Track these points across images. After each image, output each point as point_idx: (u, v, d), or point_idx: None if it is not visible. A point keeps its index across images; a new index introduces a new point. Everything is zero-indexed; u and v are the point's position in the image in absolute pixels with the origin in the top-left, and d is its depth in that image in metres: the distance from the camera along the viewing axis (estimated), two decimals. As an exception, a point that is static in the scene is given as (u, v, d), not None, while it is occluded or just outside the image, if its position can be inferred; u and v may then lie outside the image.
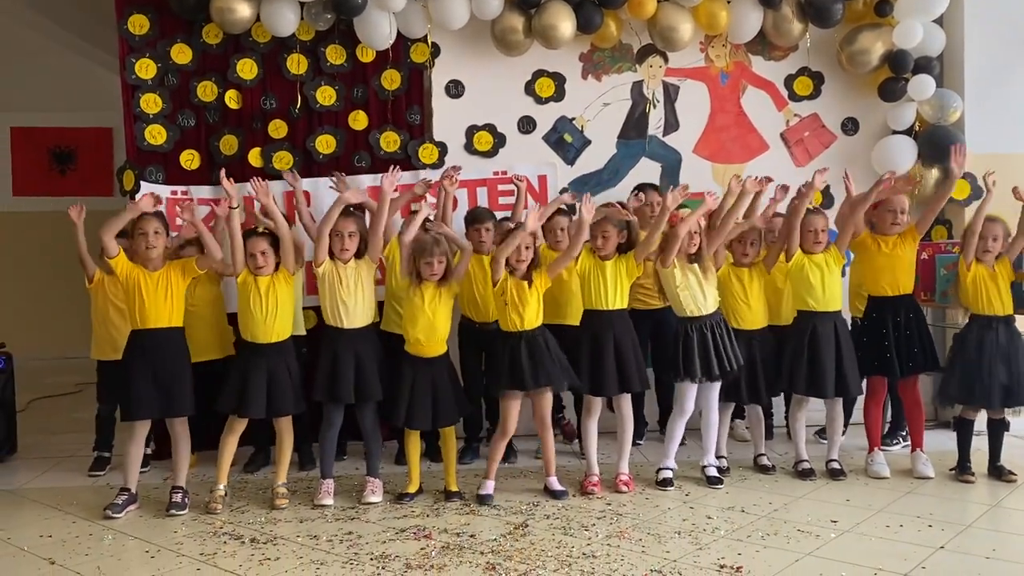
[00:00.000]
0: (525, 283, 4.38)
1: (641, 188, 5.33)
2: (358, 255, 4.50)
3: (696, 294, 4.53)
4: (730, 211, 4.58)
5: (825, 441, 4.97)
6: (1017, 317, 4.68)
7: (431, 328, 4.39)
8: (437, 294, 4.40)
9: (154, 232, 4.32)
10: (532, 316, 4.40)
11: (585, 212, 4.39)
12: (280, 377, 4.39)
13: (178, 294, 4.38)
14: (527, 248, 4.38)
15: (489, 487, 4.44)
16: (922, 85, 5.59)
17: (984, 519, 4.06)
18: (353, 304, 4.44)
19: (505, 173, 5.41)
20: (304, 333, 4.97)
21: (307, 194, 5.16)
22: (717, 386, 4.62)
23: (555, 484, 4.49)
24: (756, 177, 4.64)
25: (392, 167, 4.74)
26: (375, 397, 4.47)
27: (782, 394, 4.94)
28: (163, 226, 4.42)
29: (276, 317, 4.38)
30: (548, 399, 4.49)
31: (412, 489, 4.48)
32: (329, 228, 4.42)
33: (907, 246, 4.70)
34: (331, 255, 4.46)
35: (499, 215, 5.16)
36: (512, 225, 4.79)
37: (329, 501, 4.39)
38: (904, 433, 5.17)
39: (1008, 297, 4.58)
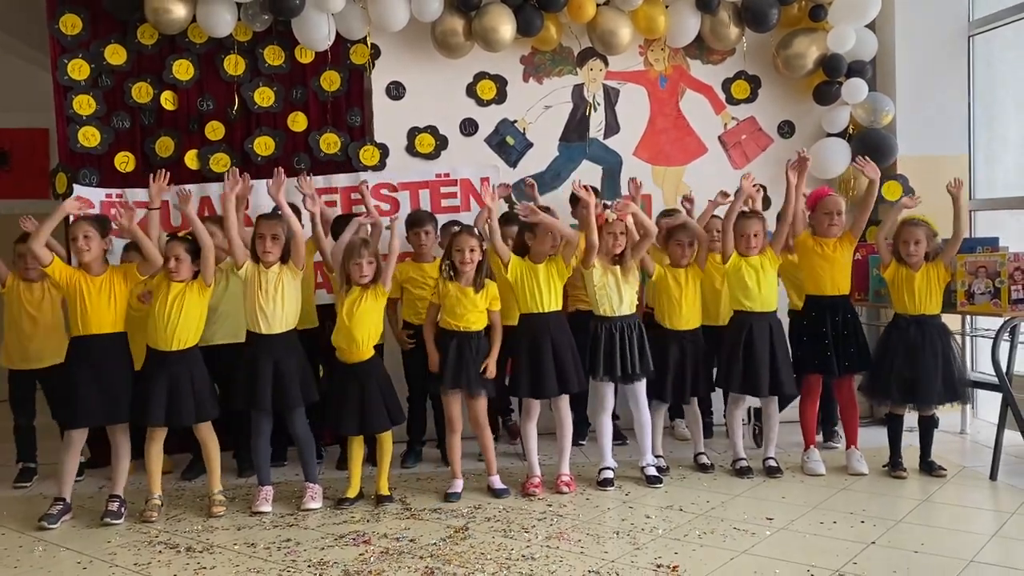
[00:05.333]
0: (470, 289, 4.38)
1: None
2: (284, 260, 4.39)
3: (612, 295, 4.57)
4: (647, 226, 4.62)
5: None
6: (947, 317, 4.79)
7: (358, 331, 4.35)
8: (363, 297, 4.36)
9: (83, 237, 4.23)
10: (472, 320, 4.40)
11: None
12: (181, 386, 4.25)
13: (121, 299, 4.30)
14: (472, 251, 4.36)
15: (457, 485, 4.49)
16: (855, 89, 5.71)
17: (914, 514, 4.15)
18: (272, 310, 4.33)
19: (448, 175, 5.40)
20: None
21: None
22: (643, 386, 4.66)
23: (497, 483, 4.52)
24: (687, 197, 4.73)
25: (276, 169, 4.58)
26: (298, 403, 4.39)
27: (722, 393, 5.01)
28: (96, 229, 4.30)
29: (179, 326, 4.25)
30: (480, 401, 4.49)
31: (352, 494, 4.44)
32: (233, 228, 4.32)
33: (844, 249, 4.78)
34: (256, 258, 4.36)
35: (442, 218, 5.16)
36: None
37: (267, 508, 4.33)
38: (836, 428, 5.28)
39: (932, 297, 4.61)
